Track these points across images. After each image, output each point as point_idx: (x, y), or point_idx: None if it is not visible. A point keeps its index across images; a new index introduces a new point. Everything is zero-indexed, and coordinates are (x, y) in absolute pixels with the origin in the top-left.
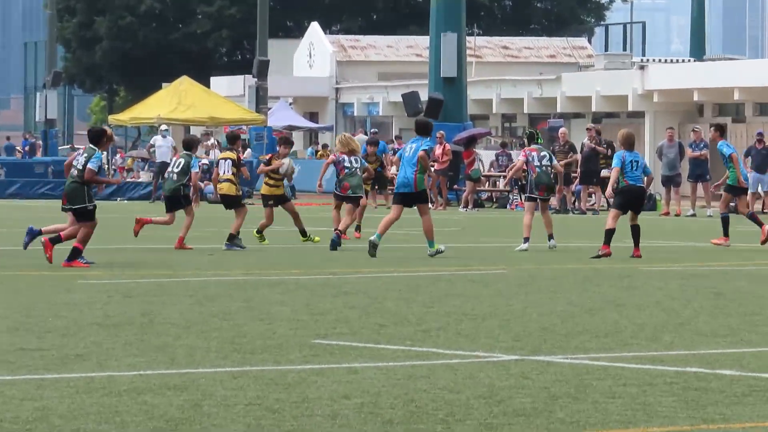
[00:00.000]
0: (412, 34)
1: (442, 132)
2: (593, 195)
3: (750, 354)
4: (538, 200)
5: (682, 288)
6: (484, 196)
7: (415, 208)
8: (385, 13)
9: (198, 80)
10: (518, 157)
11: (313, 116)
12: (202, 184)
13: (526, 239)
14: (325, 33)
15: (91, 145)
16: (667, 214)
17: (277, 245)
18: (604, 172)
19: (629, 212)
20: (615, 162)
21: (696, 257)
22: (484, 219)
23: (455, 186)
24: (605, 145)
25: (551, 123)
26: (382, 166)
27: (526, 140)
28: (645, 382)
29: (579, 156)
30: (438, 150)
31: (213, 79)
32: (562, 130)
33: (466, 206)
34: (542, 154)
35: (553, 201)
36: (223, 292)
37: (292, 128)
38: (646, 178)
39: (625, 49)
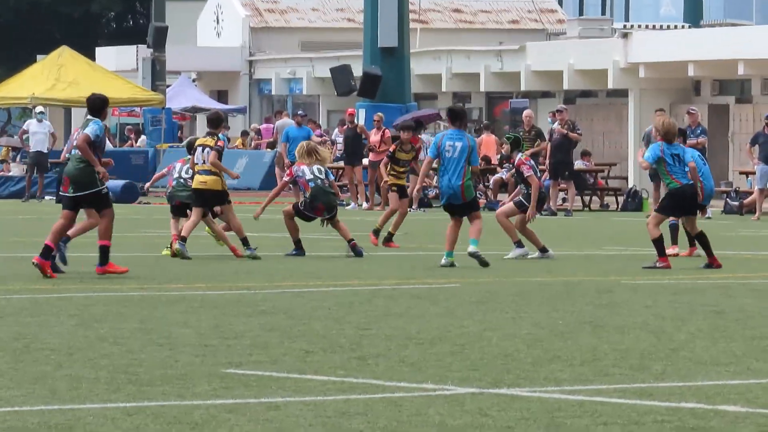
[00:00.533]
0: None
1: (380, 114)
2: (566, 192)
3: (757, 386)
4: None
5: (674, 306)
6: (432, 193)
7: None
8: None
9: (81, 51)
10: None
11: (221, 95)
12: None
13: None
14: None
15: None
16: None
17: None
18: (577, 164)
19: (682, 218)
20: (651, 156)
21: (692, 267)
22: (433, 221)
23: None
24: (579, 131)
25: (514, 104)
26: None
27: (508, 146)
28: (631, 420)
29: (548, 144)
30: (375, 136)
31: (99, 50)
32: (527, 112)
33: (410, 206)
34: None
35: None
36: (113, 311)
37: (195, 110)
38: (689, 171)
39: (604, 13)
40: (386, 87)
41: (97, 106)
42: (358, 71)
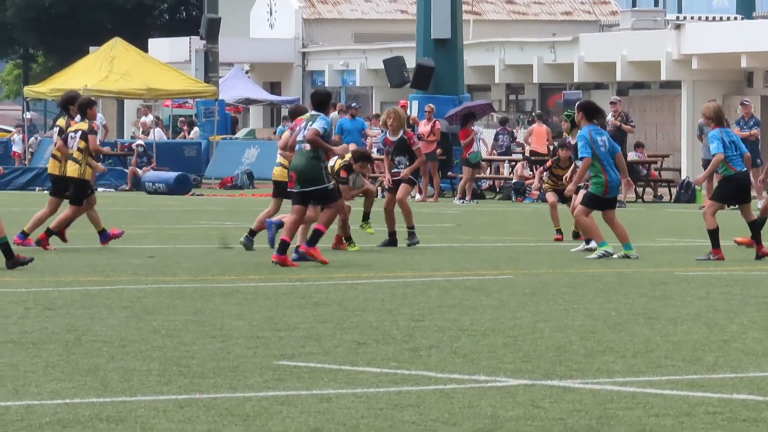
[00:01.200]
0: None
1: (431, 105)
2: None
3: None
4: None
5: (726, 297)
6: (485, 185)
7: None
8: None
9: (133, 43)
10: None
11: (274, 87)
12: (140, 171)
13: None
14: None
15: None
16: None
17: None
18: (631, 156)
19: (733, 206)
20: (716, 146)
21: (745, 259)
22: (486, 213)
23: (449, 173)
24: (632, 123)
25: (567, 95)
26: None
27: (568, 123)
28: (682, 412)
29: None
30: (425, 127)
31: (151, 42)
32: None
33: (462, 197)
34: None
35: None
36: (165, 303)
37: (248, 102)
38: (743, 158)
39: (657, 4)
40: (439, 78)
41: (323, 100)
42: (411, 63)
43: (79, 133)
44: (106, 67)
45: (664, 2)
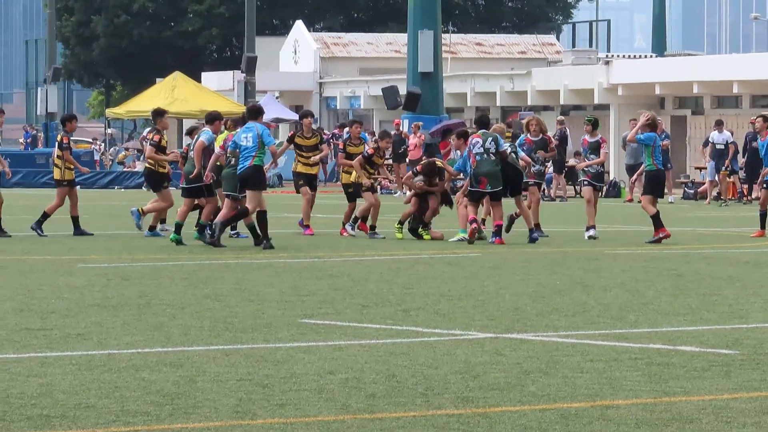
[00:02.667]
0: (391, 32)
1: (417, 123)
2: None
3: (709, 331)
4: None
5: (645, 270)
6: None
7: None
8: (366, 12)
9: (190, 76)
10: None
11: (298, 109)
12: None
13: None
14: (309, 31)
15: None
16: (631, 200)
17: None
18: (571, 162)
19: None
20: (649, 138)
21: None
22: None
23: None
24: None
25: (522, 115)
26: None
27: (590, 126)
28: (611, 357)
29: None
30: (414, 139)
31: (204, 75)
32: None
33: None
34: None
35: None
36: (215, 275)
37: (278, 120)
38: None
39: (591, 45)
40: (424, 102)
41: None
42: (403, 90)
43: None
44: (169, 94)
45: (596, 44)
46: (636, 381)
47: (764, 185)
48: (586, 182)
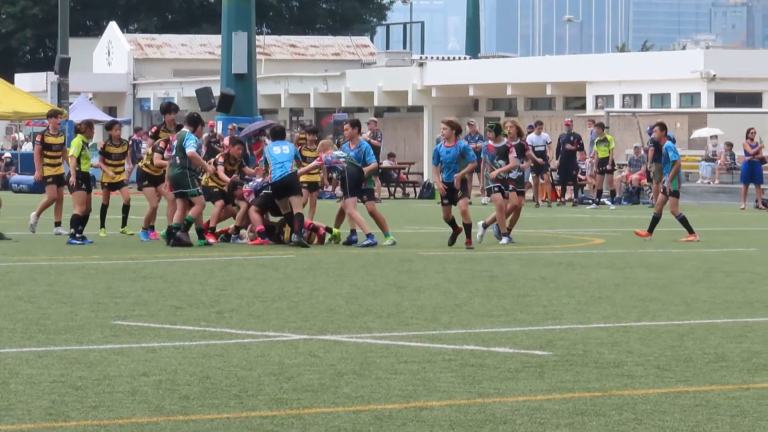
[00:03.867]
0: (205, 33)
1: (233, 125)
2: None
3: (522, 332)
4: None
5: (458, 271)
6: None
7: None
8: (180, 13)
9: (2, 77)
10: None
11: (112, 110)
12: (8, 175)
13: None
14: (123, 32)
15: None
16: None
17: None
18: (385, 163)
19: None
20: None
21: (487, 243)
22: None
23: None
24: (380, 139)
25: (336, 117)
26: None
27: (493, 132)
28: (425, 359)
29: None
30: (228, 141)
31: (17, 76)
32: (346, 125)
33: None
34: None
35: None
36: (27, 277)
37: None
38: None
39: (405, 47)
40: (238, 104)
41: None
42: (216, 92)
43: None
44: None
45: (411, 45)
46: (450, 382)
47: (664, 190)
48: (497, 188)
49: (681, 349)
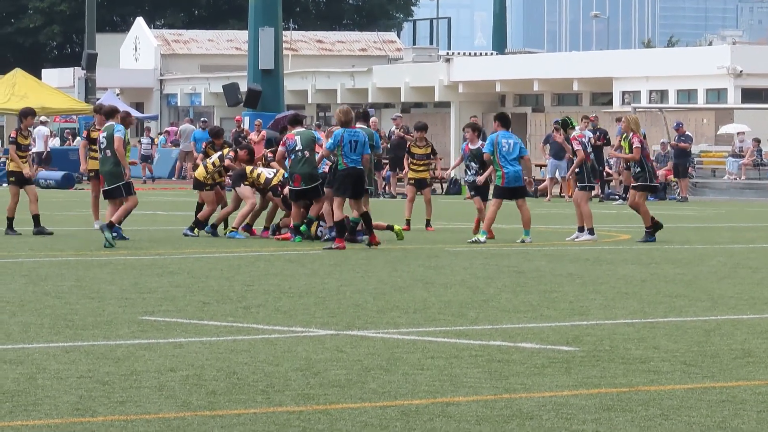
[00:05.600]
0: (232, 29)
1: (259, 120)
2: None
3: (548, 328)
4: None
5: (485, 267)
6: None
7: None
8: (207, 9)
9: (30, 72)
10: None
11: (138, 106)
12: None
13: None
14: (150, 28)
15: None
16: (471, 197)
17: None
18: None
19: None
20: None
21: (499, 238)
22: None
23: None
24: (412, 134)
25: None
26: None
27: (560, 127)
28: (451, 354)
29: (387, 144)
30: (255, 136)
31: (45, 71)
32: (372, 119)
33: None
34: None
35: None
36: (55, 272)
37: None
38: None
39: (431, 43)
40: (265, 100)
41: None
42: (243, 87)
43: None
44: (9, 91)
45: (437, 41)
46: (476, 378)
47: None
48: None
49: (707, 345)
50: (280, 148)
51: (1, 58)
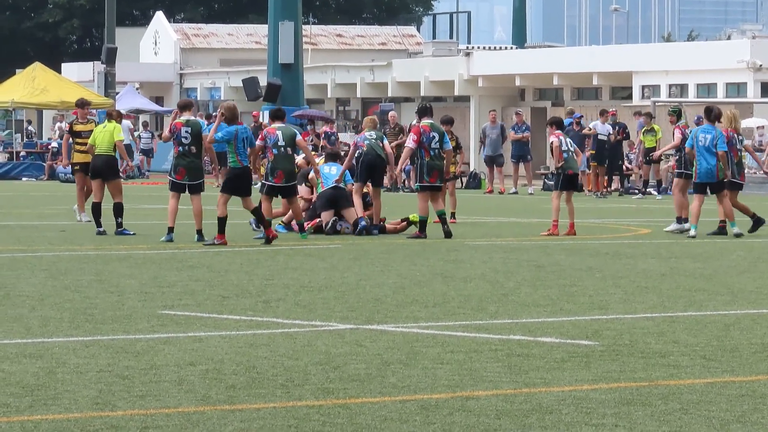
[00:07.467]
0: (252, 23)
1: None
2: None
3: (568, 322)
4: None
5: (505, 261)
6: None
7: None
8: (226, 3)
9: (50, 66)
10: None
11: (158, 100)
12: (55, 165)
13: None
14: (170, 22)
15: None
16: (491, 191)
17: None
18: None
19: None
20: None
21: (518, 232)
22: None
23: None
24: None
25: (383, 107)
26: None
27: (675, 116)
28: (471, 349)
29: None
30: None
31: (64, 66)
32: (391, 113)
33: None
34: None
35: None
36: (74, 266)
37: (139, 111)
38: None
39: (451, 37)
40: (285, 94)
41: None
42: (263, 82)
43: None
44: (29, 85)
45: (457, 35)
46: (496, 372)
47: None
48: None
49: (727, 339)
50: (258, 142)
51: (21, 53)
